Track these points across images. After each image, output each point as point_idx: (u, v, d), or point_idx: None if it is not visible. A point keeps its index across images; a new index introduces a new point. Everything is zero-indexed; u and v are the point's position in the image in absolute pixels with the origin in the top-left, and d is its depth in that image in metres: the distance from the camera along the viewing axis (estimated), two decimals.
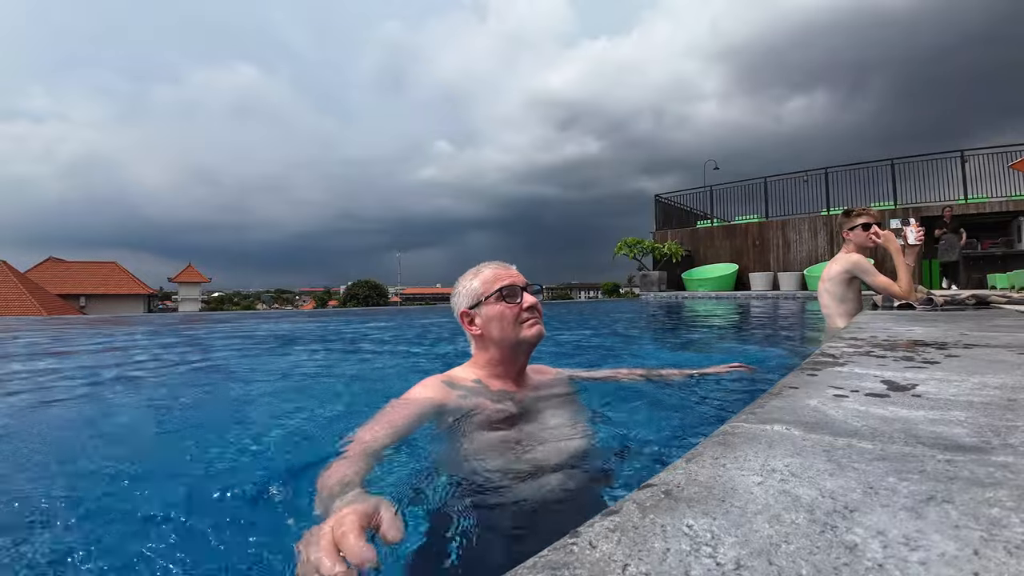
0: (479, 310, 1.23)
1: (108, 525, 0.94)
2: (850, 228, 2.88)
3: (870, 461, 0.50)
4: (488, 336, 1.22)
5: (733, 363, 1.78)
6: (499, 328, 1.21)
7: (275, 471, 1.17)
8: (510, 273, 1.28)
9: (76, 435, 1.59)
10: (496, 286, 1.22)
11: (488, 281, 1.24)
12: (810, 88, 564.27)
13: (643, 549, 0.35)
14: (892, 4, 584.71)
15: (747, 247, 12.89)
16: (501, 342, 1.21)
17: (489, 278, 1.25)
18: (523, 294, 1.23)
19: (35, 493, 1.08)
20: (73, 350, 3.92)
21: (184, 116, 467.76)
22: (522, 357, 1.26)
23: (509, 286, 1.22)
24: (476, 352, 1.28)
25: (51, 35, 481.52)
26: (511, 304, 1.21)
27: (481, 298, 1.23)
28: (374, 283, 17.70)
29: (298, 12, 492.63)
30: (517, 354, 1.25)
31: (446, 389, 1.17)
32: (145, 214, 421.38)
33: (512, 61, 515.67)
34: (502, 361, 1.24)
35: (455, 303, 1.28)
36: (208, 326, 5.37)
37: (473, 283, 1.26)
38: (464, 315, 1.25)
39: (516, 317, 1.21)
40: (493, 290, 1.22)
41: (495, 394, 1.19)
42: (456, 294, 1.29)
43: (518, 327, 1.21)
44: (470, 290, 1.25)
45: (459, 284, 1.30)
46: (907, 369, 0.99)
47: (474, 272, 1.29)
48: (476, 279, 1.26)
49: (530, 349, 1.26)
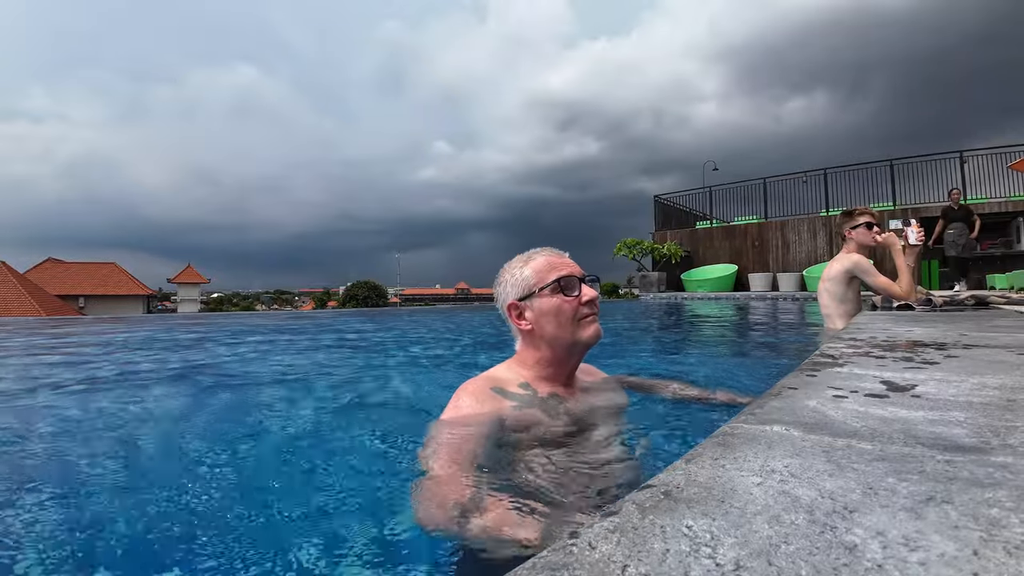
0: (530, 302, 1.09)
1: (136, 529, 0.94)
2: (853, 227, 2.88)
3: (869, 462, 0.50)
4: (540, 333, 1.08)
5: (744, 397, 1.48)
6: (554, 324, 1.07)
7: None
8: (565, 262, 1.13)
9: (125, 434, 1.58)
10: (552, 276, 1.08)
11: (542, 270, 1.10)
12: (809, 89, 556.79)
13: (643, 550, 0.35)
14: (891, 4, 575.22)
15: (746, 248, 12.90)
16: (555, 341, 1.08)
17: (543, 266, 1.10)
18: (581, 286, 1.09)
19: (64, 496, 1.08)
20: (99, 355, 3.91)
21: (184, 116, 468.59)
22: (575, 359, 1.13)
23: (567, 276, 1.08)
24: (522, 349, 1.14)
25: (51, 35, 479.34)
26: (569, 298, 1.07)
27: (534, 289, 1.08)
28: (373, 284, 17.70)
29: (298, 12, 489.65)
30: (571, 355, 1.11)
31: (497, 400, 1.04)
32: (144, 215, 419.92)
33: (511, 62, 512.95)
34: (553, 362, 1.10)
35: (501, 293, 1.14)
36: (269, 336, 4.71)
37: (524, 271, 1.11)
38: (512, 307, 1.11)
39: (574, 313, 1.07)
40: (548, 280, 1.08)
41: (548, 404, 1.06)
42: (502, 283, 1.14)
43: (575, 325, 1.07)
44: (520, 279, 1.11)
45: (505, 272, 1.15)
46: (906, 370, 0.99)
47: (524, 259, 1.14)
48: (527, 267, 1.11)
49: (585, 351, 1.13)
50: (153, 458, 1.38)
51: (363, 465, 1.25)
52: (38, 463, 1.30)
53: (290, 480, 1.17)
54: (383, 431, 1.47)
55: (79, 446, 1.46)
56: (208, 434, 1.58)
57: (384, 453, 1.31)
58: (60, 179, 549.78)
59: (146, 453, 1.41)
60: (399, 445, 1.32)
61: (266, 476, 1.20)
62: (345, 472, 1.20)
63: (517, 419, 1.00)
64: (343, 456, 1.31)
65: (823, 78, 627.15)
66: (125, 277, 27.97)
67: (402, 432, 1.41)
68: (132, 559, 0.85)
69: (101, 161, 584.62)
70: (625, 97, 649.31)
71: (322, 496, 1.03)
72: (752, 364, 2.80)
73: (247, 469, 1.26)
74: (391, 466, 1.20)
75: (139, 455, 1.37)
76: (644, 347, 3.88)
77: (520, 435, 0.98)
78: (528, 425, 1.00)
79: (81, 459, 1.33)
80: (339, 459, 1.29)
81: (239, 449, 1.38)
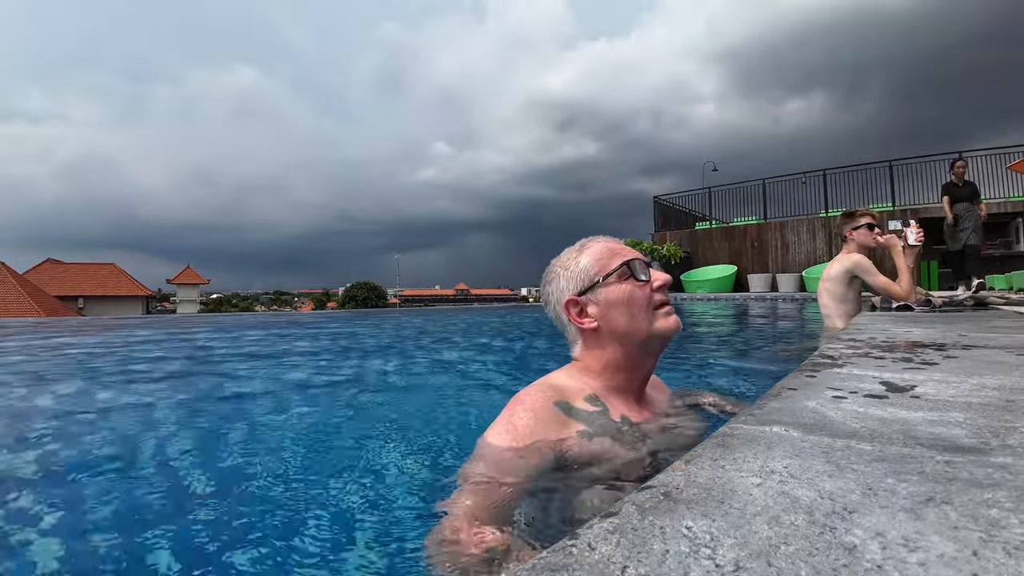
0: (594, 295, 0.94)
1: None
2: (854, 228, 2.89)
3: (869, 462, 0.50)
4: (609, 329, 0.93)
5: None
6: (627, 316, 0.92)
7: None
8: (627, 247, 0.99)
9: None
10: (616, 261, 0.94)
11: (603, 256, 0.96)
12: (808, 89, 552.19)
13: (642, 551, 0.35)
14: (890, 4, 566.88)
15: (746, 248, 12.90)
16: (628, 336, 0.92)
17: (603, 253, 0.97)
18: (651, 271, 0.96)
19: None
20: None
21: (183, 117, 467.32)
22: (651, 360, 0.98)
23: (634, 260, 0.95)
24: (585, 353, 0.97)
25: (50, 35, 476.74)
26: (640, 283, 0.93)
27: (596, 278, 0.94)
28: (373, 285, 17.70)
29: (297, 13, 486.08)
30: (647, 355, 0.96)
31: (561, 420, 0.85)
32: (144, 215, 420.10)
33: (511, 62, 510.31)
34: (625, 365, 0.94)
35: (554, 291, 0.99)
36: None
37: (581, 261, 0.97)
38: (571, 304, 0.95)
39: (648, 301, 0.93)
40: (614, 266, 0.94)
41: (623, 432, 0.88)
42: (553, 279, 1.00)
43: (652, 314, 0.93)
44: (578, 271, 0.96)
45: (557, 266, 1.01)
46: (906, 370, 0.99)
47: (578, 249, 1.00)
48: (584, 256, 0.97)
49: (663, 347, 0.98)
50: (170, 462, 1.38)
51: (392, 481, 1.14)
52: (32, 475, 1.30)
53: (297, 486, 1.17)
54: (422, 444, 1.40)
55: (78, 447, 1.46)
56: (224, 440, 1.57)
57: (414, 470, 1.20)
58: (59, 180, 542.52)
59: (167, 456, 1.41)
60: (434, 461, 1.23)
61: (275, 482, 1.20)
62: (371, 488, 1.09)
63: (584, 451, 0.82)
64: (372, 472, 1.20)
65: (822, 79, 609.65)
66: (124, 278, 27.97)
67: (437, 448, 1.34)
68: (132, 559, 0.85)
69: (100, 162, 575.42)
70: (624, 98, 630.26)
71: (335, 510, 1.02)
72: (751, 365, 2.80)
73: (253, 474, 1.26)
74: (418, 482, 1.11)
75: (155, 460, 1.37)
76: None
77: (586, 470, 0.81)
78: (598, 459, 0.82)
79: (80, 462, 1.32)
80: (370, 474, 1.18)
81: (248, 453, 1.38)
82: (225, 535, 0.90)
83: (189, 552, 0.84)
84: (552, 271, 1.01)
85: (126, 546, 0.87)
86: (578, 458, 0.81)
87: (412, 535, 0.85)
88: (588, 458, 0.82)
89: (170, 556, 0.82)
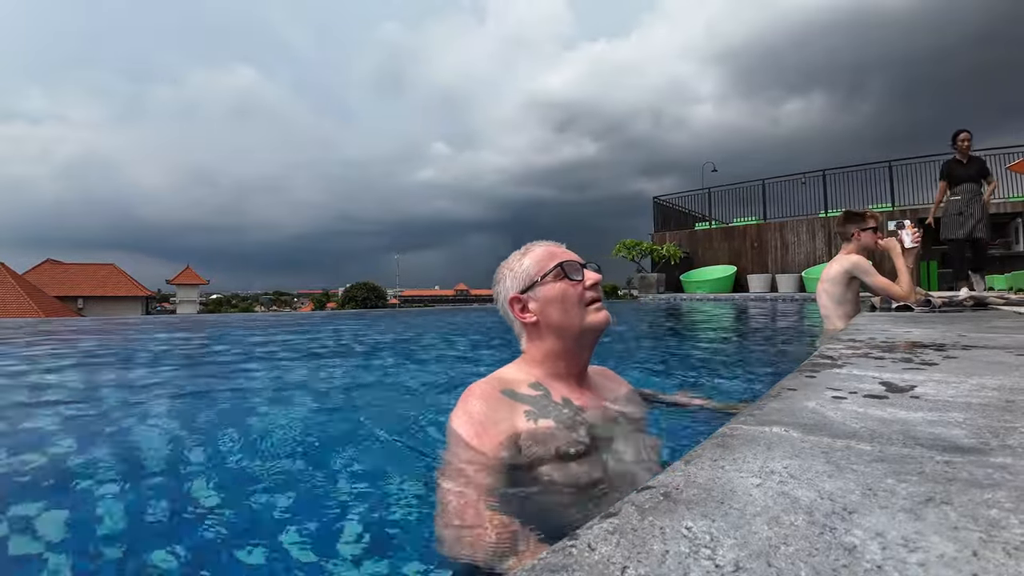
0: (534, 292, 1.06)
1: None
2: (863, 228, 2.89)
3: (869, 463, 0.50)
4: (546, 323, 1.05)
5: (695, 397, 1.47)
6: (560, 311, 1.04)
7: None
8: (563, 250, 1.12)
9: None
10: (552, 263, 1.07)
11: (542, 259, 1.08)
12: (807, 90, 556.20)
13: (642, 551, 0.35)
14: (890, 4, 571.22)
15: (745, 249, 12.91)
16: (562, 329, 1.05)
17: (542, 255, 1.09)
18: (584, 271, 1.08)
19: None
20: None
21: (183, 117, 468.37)
22: (586, 351, 1.10)
23: (569, 262, 1.07)
24: (529, 345, 1.09)
25: (49, 36, 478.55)
26: (573, 282, 1.05)
27: (536, 278, 1.06)
28: (372, 285, 17.70)
29: (297, 13, 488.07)
30: (581, 346, 1.07)
31: (509, 404, 0.97)
32: (143, 216, 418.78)
33: (510, 63, 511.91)
34: (564, 355, 1.06)
35: (501, 290, 1.11)
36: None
37: (523, 263, 1.09)
38: (514, 301, 1.08)
39: (580, 298, 1.05)
40: (550, 267, 1.06)
41: (563, 413, 0.99)
42: (500, 279, 1.12)
43: (583, 310, 1.05)
44: (520, 272, 1.09)
45: (503, 269, 1.13)
46: (905, 371, 0.99)
47: (522, 252, 1.13)
48: (526, 258, 1.10)
49: (595, 341, 1.10)
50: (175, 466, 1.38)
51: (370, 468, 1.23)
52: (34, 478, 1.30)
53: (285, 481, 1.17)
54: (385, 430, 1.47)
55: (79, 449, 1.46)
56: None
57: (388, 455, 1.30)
58: (59, 180, 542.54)
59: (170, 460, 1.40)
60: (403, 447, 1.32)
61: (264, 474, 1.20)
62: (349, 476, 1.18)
63: (533, 428, 0.94)
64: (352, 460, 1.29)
65: (821, 80, 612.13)
66: (124, 278, 27.96)
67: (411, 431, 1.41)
68: (132, 559, 0.85)
69: (100, 162, 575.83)
70: (623, 98, 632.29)
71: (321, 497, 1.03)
72: (751, 365, 2.80)
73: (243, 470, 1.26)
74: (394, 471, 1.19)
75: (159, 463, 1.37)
76: (644, 348, 3.89)
77: (536, 450, 0.91)
78: (544, 439, 0.93)
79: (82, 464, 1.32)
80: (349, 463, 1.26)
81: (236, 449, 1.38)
82: (221, 530, 0.90)
83: (189, 550, 0.84)
84: (500, 272, 1.13)
85: (126, 546, 0.87)
86: (531, 434, 0.93)
87: (413, 519, 0.91)
88: (537, 434, 0.94)
89: (169, 556, 0.82)
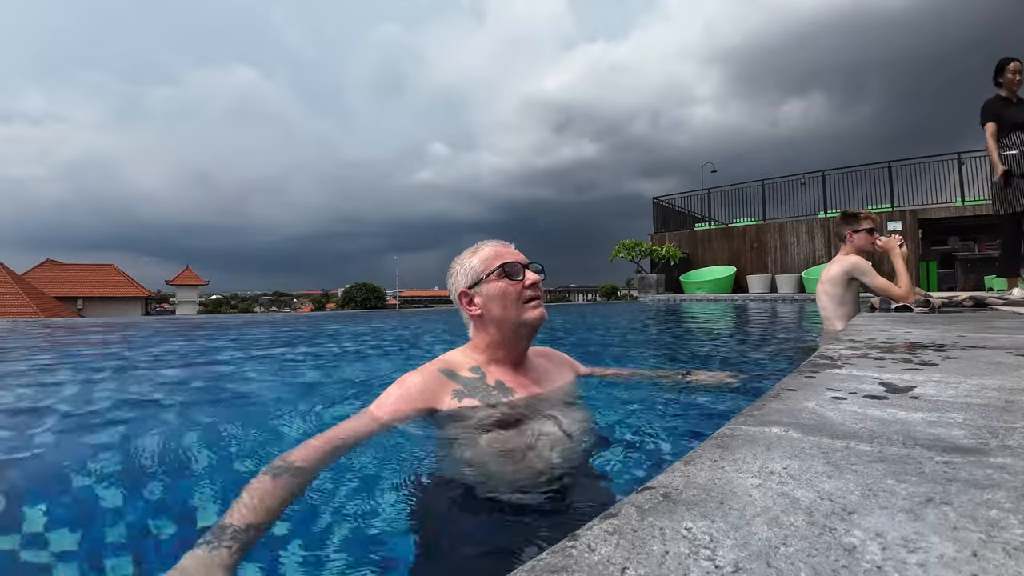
0: (479, 289, 1.17)
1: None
2: (856, 230, 2.89)
3: (868, 463, 0.50)
4: (488, 316, 1.17)
5: (724, 374, 1.59)
6: (500, 307, 1.16)
7: None
8: (510, 251, 1.23)
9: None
10: (497, 263, 1.18)
11: (488, 258, 1.19)
12: (806, 91, 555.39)
13: (642, 552, 0.35)
14: (890, 5, 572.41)
15: (745, 249, 12.91)
16: (502, 323, 1.17)
17: (489, 255, 1.20)
18: (525, 272, 1.19)
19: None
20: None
21: (182, 118, 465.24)
22: (524, 342, 1.22)
23: (511, 263, 1.18)
24: (475, 334, 1.22)
25: (48, 36, 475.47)
26: (513, 282, 1.16)
27: (481, 276, 1.17)
28: (372, 286, 17.70)
29: (296, 14, 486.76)
30: (518, 337, 1.20)
31: (442, 380, 1.12)
32: (143, 216, 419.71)
33: (509, 64, 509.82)
34: (502, 344, 1.19)
35: (452, 284, 1.22)
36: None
37: (472, 261, 1.20)
38: (463, 295, 1.19)
39: (519, 296, 1.16)
40: (494, 267, 1.17)
41: (493, 390, 1.14)
42: (453, 274, 1.23)
43: (520, 307, 1.16)
44: (468, 268, 1.20)
45: (456, 264, 1.24)
46: (905, 371, 0.99)
47: (472, 250, 1.23)
48: (475, 257, 1.21)
49: (532, 333, 1.21)
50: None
51: None
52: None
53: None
54: None
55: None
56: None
57: None
58: (59, 181, 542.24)
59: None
60: None
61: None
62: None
63: (455, 404, 1.08)
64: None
65: (820, 80, 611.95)
66: (124, 279, 27.95)
67: None
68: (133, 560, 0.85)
69: (100, 163, 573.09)
70: (623, 99, 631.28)
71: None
72: (751, 366, 2.80)
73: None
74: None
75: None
76: (643, 349, 3.89)
77: (458, 419, 1.06)
78: (464, 415, 1.07)
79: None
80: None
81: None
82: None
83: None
84: (452, 267, 1.24)
85: (123, 545, 0.87)
86: (452, 411, 1.07)
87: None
88: (458, 411, 1.08)
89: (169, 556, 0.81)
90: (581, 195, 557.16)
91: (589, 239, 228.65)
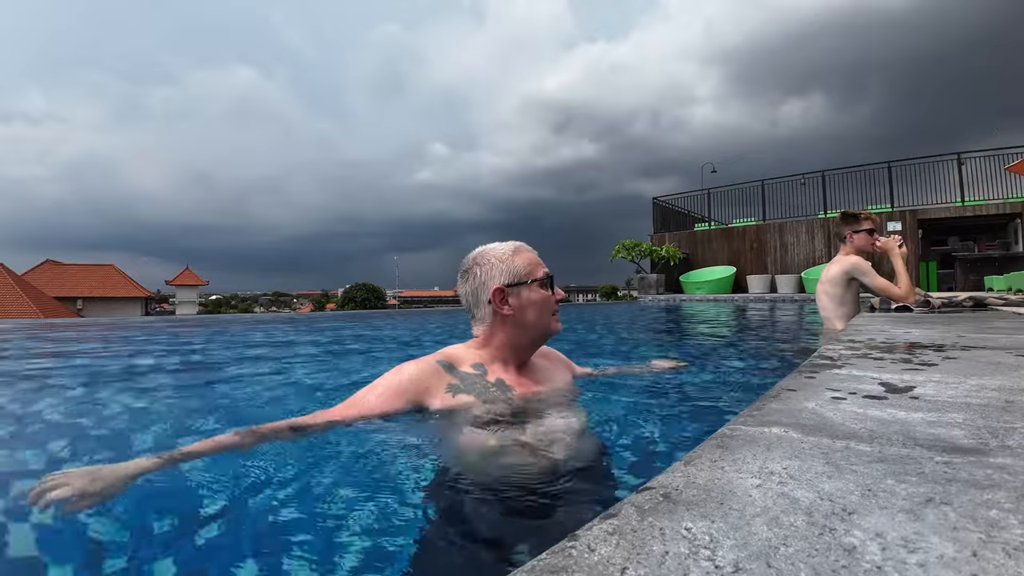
0: (518, 291, 1.17)
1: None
2: (856, 230, 2.89)
3: (868, 463, 0.50)
4: (520, 319, 1.17)
5: (668, 360, 1.81)
6: (536, 315, 1.18)
7: None
8: (540, 262, 1.26)
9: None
10: (540, 272, 1.21)
11: (532, 264, 1.21)
12: (806, 91, 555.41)
13: (641, 552, 0.35)
14: (890, 5, 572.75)
15: (745, 250, 12.91)
16: (530, 328, 1.19)
17: (533, 261, 1.22)
18: (554, 286, 1.24)
19: None
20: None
21: (182, 118, 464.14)
22: (536, 346, 1.26)
23: (551, 276, 1.23)
24: (487, 331, 1.20)
25: (48, 36, 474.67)
26: (551, 293, 1.21)
27: (526, 279, 1.18)
28: (372, 286, 17.70)
29: (296, 14, 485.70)
30: (535, 344, 1.24)
31: (439, 373, 1.12)
32: (143, 216, 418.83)
33: (509, 64, 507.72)
34: (519, 347, 1.21)
35: (484, 275, 1.18)
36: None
37: (515, 261, 1.19)
38: (497, 292, 1.16)
39: (552, 308, 1.21)
40: (539, 275, 1.20)
41: (493, 387, 1.14)
42: (486, 265, 1.19)
43: (550, 318, 1.21)
44: (512, 268, 1.18)
45: (491, 257, 1.20)
46: (905, 371, 0.99)
47: (511, 250, 1.22)
48: (517, 258, 1.20)
49: (545, 340, 1.27)
50: None
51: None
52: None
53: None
54: None
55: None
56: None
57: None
58: (59, 181, 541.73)
59: None
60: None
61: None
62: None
63: (449, 399, 1.09)
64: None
65: (820, 80, 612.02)
66: (124, 279, 27.95)
67: None
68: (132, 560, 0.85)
69: (100, 163, 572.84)
70: (623, 99, 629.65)
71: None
72: (751, 366, 2.80)
73: None
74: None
75: None
76: (642, 349, 3.89)
77: (452, 414, 1.07)
78: (460, 407, 1.08)
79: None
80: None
81: None
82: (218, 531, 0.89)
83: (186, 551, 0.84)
84: (485, 258, 1.21)
85: (123, 545, 0.87)
86: (444, 406, 1.08)
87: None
88: (451, 405, 1.08)
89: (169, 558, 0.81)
90: (581, 195, 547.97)
91: (589, 239, 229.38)
